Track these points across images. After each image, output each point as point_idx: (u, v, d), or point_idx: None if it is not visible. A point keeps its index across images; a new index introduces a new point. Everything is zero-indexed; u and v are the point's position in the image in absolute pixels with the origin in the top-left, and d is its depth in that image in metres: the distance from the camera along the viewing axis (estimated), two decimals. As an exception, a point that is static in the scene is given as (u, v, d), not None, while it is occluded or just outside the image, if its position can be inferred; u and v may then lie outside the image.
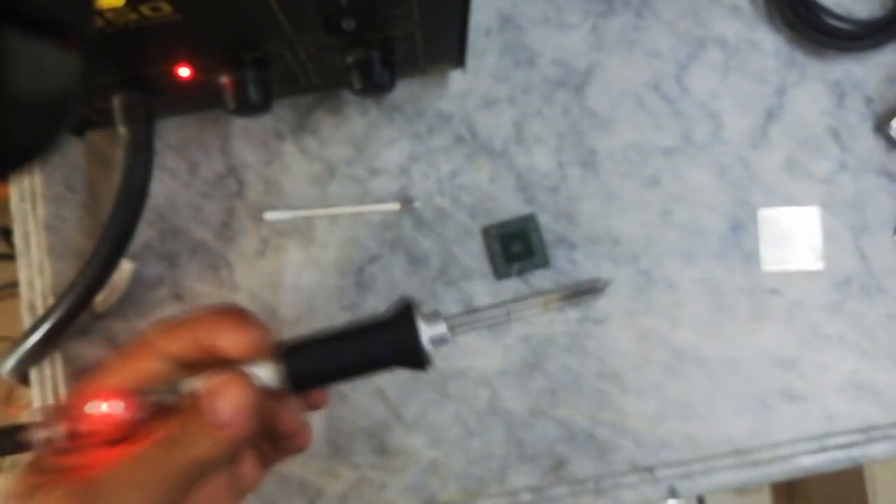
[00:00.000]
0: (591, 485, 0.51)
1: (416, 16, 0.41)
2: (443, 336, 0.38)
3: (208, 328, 0.36)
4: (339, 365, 0.37)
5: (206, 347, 0.36)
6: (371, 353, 0.37)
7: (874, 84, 0.54)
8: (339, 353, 0.37)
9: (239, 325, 0.36)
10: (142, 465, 0.33)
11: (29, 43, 0.17)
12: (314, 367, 0.37)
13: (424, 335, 0.37)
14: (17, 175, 0.51)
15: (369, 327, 0.38)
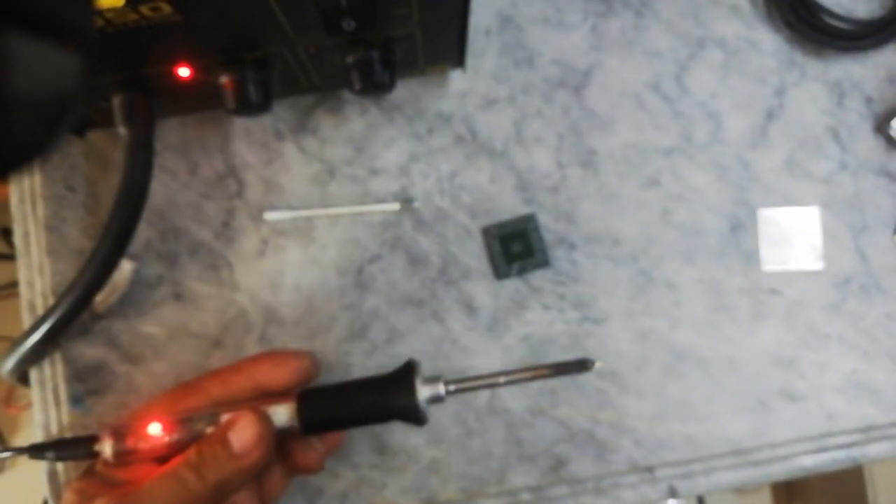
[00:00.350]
0: (591, 484, 0.51)
1: (417, 16, 0.41)
2: (438, 397, 0.42)
3: (255, 370, 0.45)
4: (345, 415, 0.43)
5: (254, 388, 0.44)
6: (373, 409, 0.43)
7: (874, 84, 0.54)
8: (346, 405, 0.43)
9: (275, 360, 0.45)
10: (175, 482, 0.40)
11: (29, 43, 0.17)
12: (323, 415, 0.43)
13: (421, 396, 0.42)
14: (17, 175, 0.51)
15: (375, 384, 0.43)
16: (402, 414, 0.42)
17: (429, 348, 0.51)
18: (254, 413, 0.41)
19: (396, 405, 0.42)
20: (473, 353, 0.51)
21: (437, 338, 0.52)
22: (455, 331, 0.52)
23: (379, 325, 0.52)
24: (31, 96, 0.18)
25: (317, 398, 0.43)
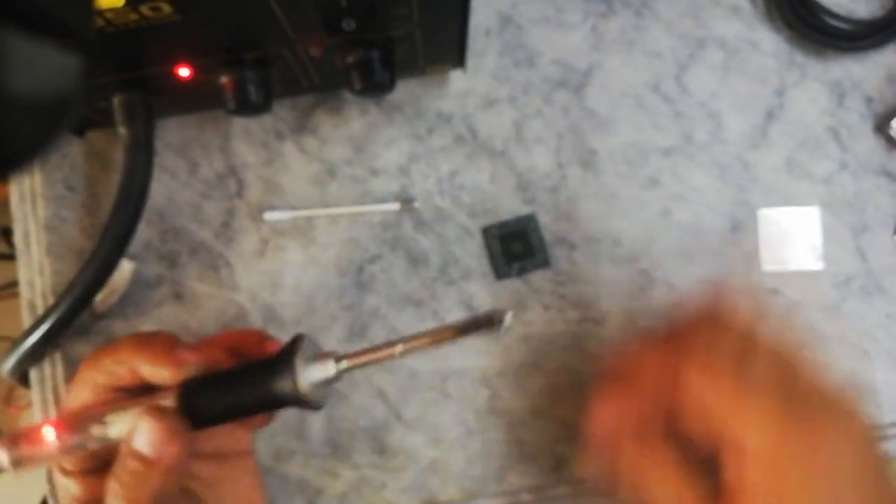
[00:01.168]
0: (591, 484, 0.51)
1: (417, 16, 0.41)
2: (328, 378, 0.37)
3: (128, 358, 0.40)
4: (227, 408, 0.38)
5: (132, 375, 0.40)
6: (255, 397, 0.38)
7: (874, 84, 0.55)
8: (228, 396, 0.38)
9: (155, 357, 0.39)
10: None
11: (29, 42, 0.17)
12: (204, 409, 0.38)
13: (307, 379, 0.37)
14: (17, 174, 0.51)
15: (257, 369, 0.38)
16: (286, 400, 0.37)
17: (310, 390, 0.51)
18: (149, 412, 0.37)
19: (277, 391, 0.37)
20: (474, 353, 0.52)
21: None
22: (455, 331, 0.52)
23: (379, 324, 0.52)
24: (31, 95, 0.18)
25: (198, 391, 0.38)
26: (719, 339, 0.38)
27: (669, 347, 0.39)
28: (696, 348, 0.38)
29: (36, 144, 0.19)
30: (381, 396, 0.51)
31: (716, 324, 0.39)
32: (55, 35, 0.18)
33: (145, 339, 0.41)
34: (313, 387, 0.37)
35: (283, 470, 0.51)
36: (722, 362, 0.37)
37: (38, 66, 0.18)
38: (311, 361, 0.37)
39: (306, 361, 0.37)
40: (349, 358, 0.38)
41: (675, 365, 0.38)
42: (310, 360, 0.37)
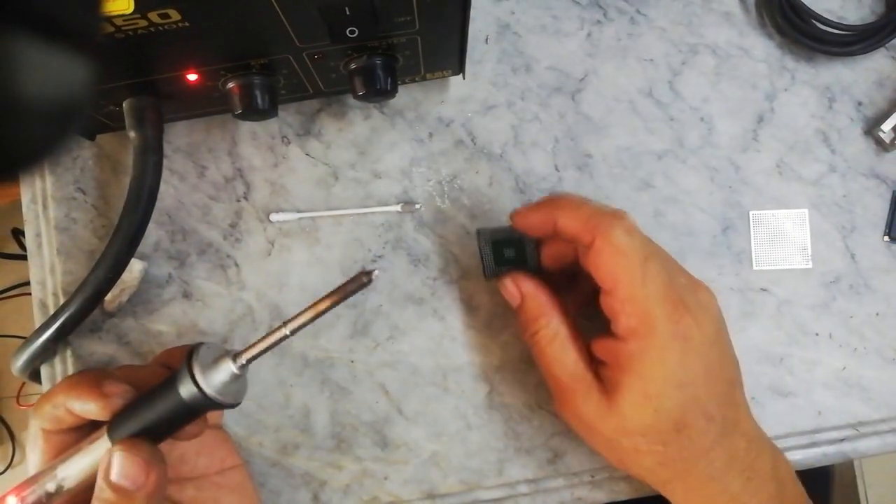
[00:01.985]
0: (587, 477, 0.52)
1: (418, 24, 0.42)
2: (233, 375, 0.39)
3: (62, 400, 0.41)
4: (154, 425, 0.39)
5: (71, 416, 0.41)
6: (172, 411, 0.39)
7: (864, 88, 0.55)
8: (150, 414, 0.39)
9: (80, 394, 0.40)
10: None
11: (38, 47, 0.18)
12: (135, 431, 0.39)
13: (211, 383, 0.38)
14: (28, 177, 0.52)
15: (165, 385, 0.39)
16: (201, 406, 0.38)
17: (429, 345, 0.52)
18: (122, 445, 0.38)
19: (187, 400, 0.38)
20: (473, 349, 0.52)
21: (438, 335, 0.53)
22: (455, 328, 0.53)
23: (381, 322, 0.53)
24: (41, 99, 0.18)
25: (125, 417, 0.39)
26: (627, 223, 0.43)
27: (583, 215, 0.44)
28: (615, 219, 0.43)
29: (45, 147, 0.19)
30: (383, 391, 0.52)
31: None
32: (64, 40, 0.18)
33: (75, 378, 0.42)
34: (220, 386, 0.38)
35: (289, 463, 0.52)
36: (633, 240, 0.42)
37: (48, 70, 0.18)
38: (209, 365, 0.38)
39: (205, 366, 0.38)
40: (245, 352, 0.39)
41: (593, 228, 0.43)
42: (208, 364, 0.38)
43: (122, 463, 0.37)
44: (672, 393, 0.42)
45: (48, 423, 0.41)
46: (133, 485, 0.37)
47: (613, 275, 0.42)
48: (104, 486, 0.38)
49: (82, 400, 0.40)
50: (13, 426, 1.63)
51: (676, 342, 0.41)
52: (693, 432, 0.42)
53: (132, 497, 0.37)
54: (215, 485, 0.46)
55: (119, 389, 0.40)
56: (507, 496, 0.52)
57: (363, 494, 0.52)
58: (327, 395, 0.52)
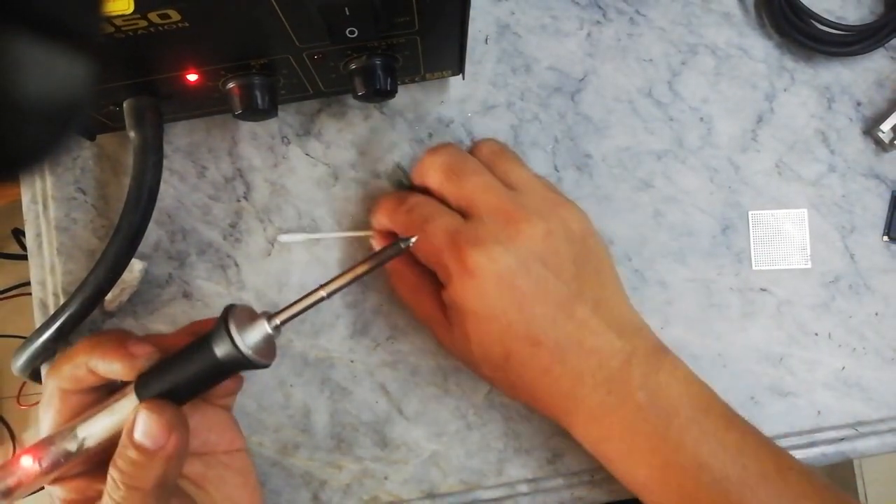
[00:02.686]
0: (586, 477, 0.52)
1: (417, 24, 0.42)
2: (267, 337, 0.40)
3: (84, 359, 0.41)
4: (184, 385, 0.40)
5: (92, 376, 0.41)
6: (205, 369, 0.40)
7: (863, 88, 0.55)
8: (180, 375, 0.40)
9: (105, 353, 0.41)
10: None
11: (38, 47, 0.18)
12: (163, 391, 0.40)
13: (247, 341, 0.39)
14: (28, 177, 0.52)
15: (199, 344, 0.40)
16: (235, 365, 0.39)
17: (429, 345, 0.52)
18: (147, 405, 0.39)
19: (222, 358, 0.39)
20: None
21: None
22: (454, 328, 0.53)
23: (381, 322, 0.53)
24: (40, 99, 0.18)
25: (153, 378, 0.40)
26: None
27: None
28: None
29: (45, 148, 0.19)
30: (383, 391, 0.52)
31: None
32: (64, 40, 0.18)
33: (97, 338, 0.42)
34: (255, 346, 0.39)
35: (289, 463, 0.52)
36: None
37: (48, 70, 0.18)
38: (246, 325, 0.39)
39: (241, 326, 0.39)
40: (280, 313, 0.40)
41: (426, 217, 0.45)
42: (245, 323, 0.39)
43: (146, 422, 0.38)
44: (484, 327, 0.44)
45: (67, 383, 0.42)
46: (154, 445, 0.38)
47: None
48: (128, 443, 0.38)
49: (108, 359, 0.40)
50: (13, 426, 1.63)
51: (468, 279, 0.43)
52: (522, 357, 0.44)
53: (153, 457, 0.38)
54: (222, 464, 0.46)
55: (145, 350, 0.41)
56: (506, 496, 0.52)
57: (363, 494, 0.52)
58: (327, 395, 0.52)
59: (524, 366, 0.44)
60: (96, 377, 0.41)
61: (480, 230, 0.43)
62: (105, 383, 0.42)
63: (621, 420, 0.44)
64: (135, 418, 0.38)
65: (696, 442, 0.42)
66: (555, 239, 0.44)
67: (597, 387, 0.43)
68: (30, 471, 0.41)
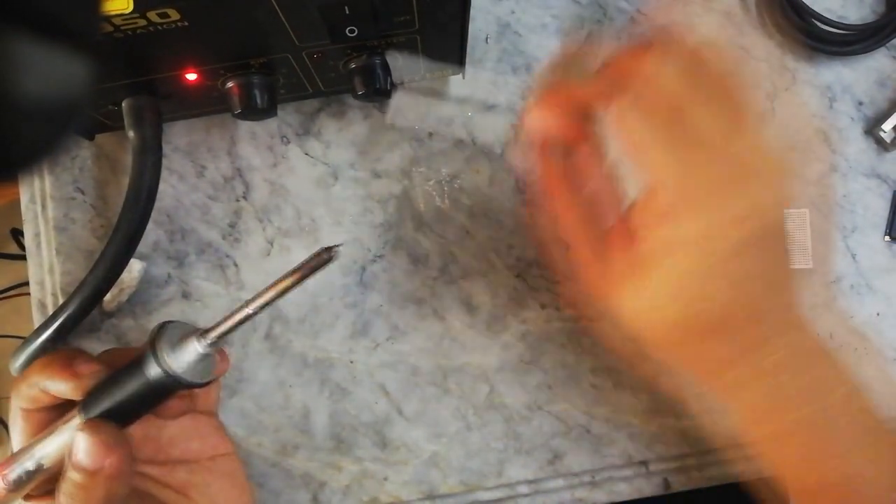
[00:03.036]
0: (587, 478, 0.52)
1: (417, 23, 0.42)
2: (201, 354, 0.38)
3: (36, 379, 0.41)
4: (124, 405, 0.39)
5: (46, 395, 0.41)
6: (141, 391, 0.39)
7: (864, 88, 0.55)
8: (120, 394, 0.39)
9: (53, 373, 0.40)
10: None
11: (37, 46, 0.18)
12: (107, 411, 0.39)
13: (175, 363, 0.38)
14: (26, 177, 0.52)
15: (133, 366, 0.39)
16: (167, 385, 0.38)
17: (429, 345, 0.52)
18: (85, 426, 0.38)
19: (153, 380, 0.38)
20: (473, 349, 0.52)
21: (438, 335, 0.52)
22: (455, 328, 0.53)
23: (381, 322, 0.53)
24: (39, 99, 0.18)
25: (97, 398, 0.39)
26: (661, 76, 0.38)
27: (607, 75, 0.39)
28: (637, 81, 0.38)
29: (44, 147, 0.20)
30: (383, 392, 0.52)
31: (660, 61, 0.39)
32: (64, 40, 0.18)
33: (48, 358, 0.41)
34: (187, 366, 0.38)
35: (288, 464, 0.52)
36: (660, 101, 0.37)
37: (47, 70, 0.18)
38: (175, 344, 0.38)
39: (172, 346, 0.38)
40: (211, 331, 0.38)
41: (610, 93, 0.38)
42: (174, 343, 0.38)
43: (84, 443, 0.37)
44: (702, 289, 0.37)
45: (25, 403, 0.41)
46: (93, 465, 0.37)
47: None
48: (69, 464, 0.38)
49: (54, 379, 0.40)
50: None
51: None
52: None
53: (93, 477, 0.38)
54: (207, 470, 0.46)
55: (90, 369, 0.40)
56: (506, 497, 0.52)
57: (363, 495, 0.52)
58: (327, 396, 0.52)
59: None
60: (50, 397, 0.41)
61: None
62: (63, 401, 0.41)
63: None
64: (75, 440, 0.38)
65: None
66: None
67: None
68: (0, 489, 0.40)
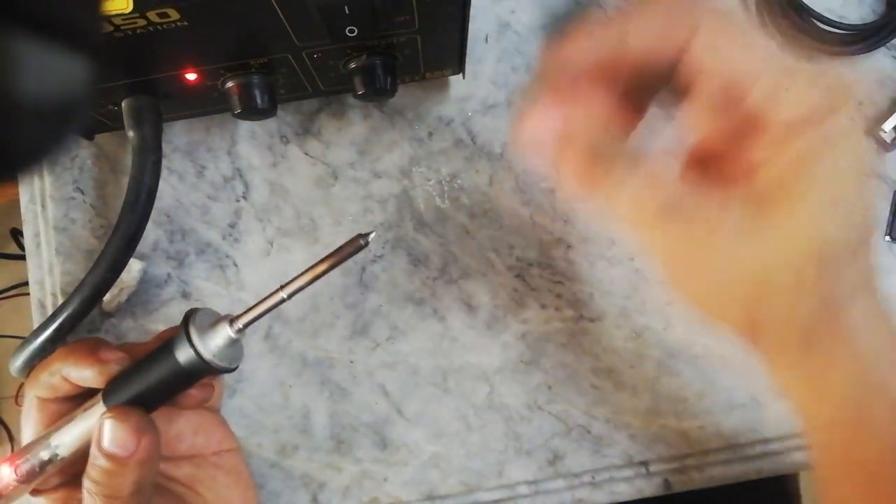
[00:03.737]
0: (587, 478, 0.52)
1: (418, 23, 0.42)
2: (230, 340, 0.39)
3: (57, 367, 0.41)
4: (150, 391, 0.40)
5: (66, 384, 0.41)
6: (170, 376, 0.39)
7: (865, 88, 0.55)
8: (147, 380, 0.39)
9: (77, 361, 0.41)
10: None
11: (37, 46, 0.17)
12: (130, 398, 0.39)
13: (206, 347, 0.38)
14: (26, 177, 0.52)
15: (162, 351, 0.39)
16: (198, 370, 0.39)
17: (429, 345, 0.52)
18: (112, 412, 0.38)
19: (184, 364, 0.39)
20: (473, 350, 0.52)
21: (438, 335, 0.52)
22: (455, 328, 0.53)
23: (381, 322, 0.52)
24: (39, 99, 0.18)
25: (121, 385, 0.40)
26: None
27: None
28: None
29: (44, 147, 0.19)
30: (383, 392, 0.52)
31: None
32: (63, 39, 0.18)
33: (71, 346, 0.42)
34: (218, 351, 0.39)
35: (288, 464, 0.52)
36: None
37: (47, 70, 0.18)
38: (206, 329, 0.39)
39: (203, 331, 0.39)
40: (242, 316, 0.39)
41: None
42: (205, 328, 0.39)
43: (112, 430, 0.38)
44: (856, 199, 0.32)
45: (44, 392, 0.42)
46: (125, 452, 0.37)
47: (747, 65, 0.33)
48: (97, 453, 0.38)
49: (79, 366, 0.40)
50: (12, 427, 1.63)
51: (853, 132, 0.33)
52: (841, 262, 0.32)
53: (124, 464, 0.38)
54: (212, 465, 0.46)
55: (115, 356, 0.40)
56: (507, 497, 0.52)
57: (363, 496, 0.52)
58: (326, 396, 0.52)
59: (852, 266, 0.33)
60: (71, 385, 0.41)
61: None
62: (81, 392, 0.42)
63: None
64: (101, 427, 0.38)
65: None
66: None
67: None
68: (8, 480, 0.40)
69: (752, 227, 0.32)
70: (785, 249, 0.32)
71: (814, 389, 0.34)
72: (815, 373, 0.34)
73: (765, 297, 0.33)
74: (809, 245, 0.31)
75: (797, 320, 0.33)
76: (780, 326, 0.33)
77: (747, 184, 0.33)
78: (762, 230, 0.32)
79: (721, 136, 0.34)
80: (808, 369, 0.34)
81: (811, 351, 0.33)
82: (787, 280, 0.32)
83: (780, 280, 0.32)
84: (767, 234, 0.32)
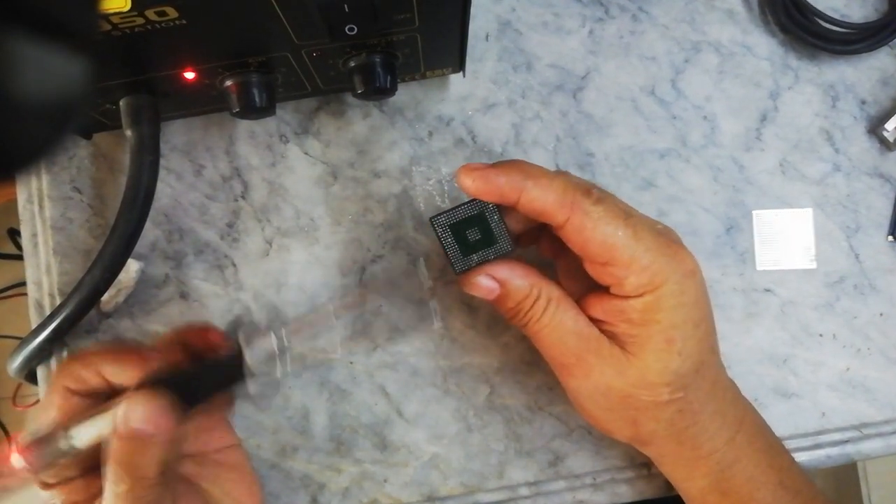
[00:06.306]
0: (588, 479, 0.52)
1: (417, 21, 0.42)
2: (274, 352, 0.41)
3: (96, 362, 0.41)
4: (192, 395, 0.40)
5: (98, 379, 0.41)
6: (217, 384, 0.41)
7: (868, 86, 0.55)
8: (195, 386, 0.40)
9: (120, 359, 0.41)
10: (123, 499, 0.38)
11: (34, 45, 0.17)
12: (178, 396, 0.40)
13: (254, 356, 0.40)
14: (24, 176, 0.52)
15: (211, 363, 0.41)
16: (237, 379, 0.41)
17: (429, 346, 0.52)
18: (139, 391, 0.38)
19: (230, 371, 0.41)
20: (473, 350, 0.52)
21: (438, 335, 0.52)
22: (455, 329, 0.52)
23: (381, 323, 0.52)
24: (37, 98, 0.18)
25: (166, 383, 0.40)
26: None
27: None
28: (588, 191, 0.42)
29: (41, 146, 0.19)
30: (383, 393, 0.52)
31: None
32: (61, 38, 0.18)
33: (111, 344, 0.44)
34: (261, 362, 0.41)
35: (287, 466, 0.51)
36: (609, 205, 0.41)
37: (44, 69, 0.18)
38: (256, 337, 0.41)
39: (251, 344, 0.41)
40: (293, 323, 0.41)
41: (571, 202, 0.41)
42: (253, 336, 0.41)
43: (142, 407, 0.38)
44: (692, 332, 0.42)
45: (74, 383, 0.41)
46: (154, 428, 0.37)
47: (606, 246, 0.40)
48: (125, 432, 0.38)
49: (122, 364, 0.41)
50: (10, 427, 1.63)
51: (688, 280, 0.41)
52: (707, 370, 0.43)
53: (151, 442, 0.37)
54: (215, 462, 0.46)
55: (156, 359, 0.41)
56: (507, 499, 0.52)
57: (362, 497, 0.51)
58: (326, 397, 0.52)
59: (705, 378, 0.43)
60: (102, 381, 0.41)
61: (667, 230, 0.44)
62: (103, 391, 0.41)
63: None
64: (127, 407, 0.38)
65: None
66: None
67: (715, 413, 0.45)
68: (20, 471, 0.40)
69: (618, 366, 0.42)
70: (642, 380, 0.42)
71: (689, 469, 0.45)
72: (687, 459, 0.45)
73: (638, 415, 0.43)
74: (659, 377, 0.42)
75: (663, 427, 0.44)
76: (653, 432, 0.44)
77: (613, 325, 0.43)
78: (626, 368, 0.42)
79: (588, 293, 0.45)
80: (682, 457, 0.45)
81: (681, 445, 0.44)
82: (648, 401, 0.42)
83: (643, 402, 0.42)
84: (629, 371, 0.42)
